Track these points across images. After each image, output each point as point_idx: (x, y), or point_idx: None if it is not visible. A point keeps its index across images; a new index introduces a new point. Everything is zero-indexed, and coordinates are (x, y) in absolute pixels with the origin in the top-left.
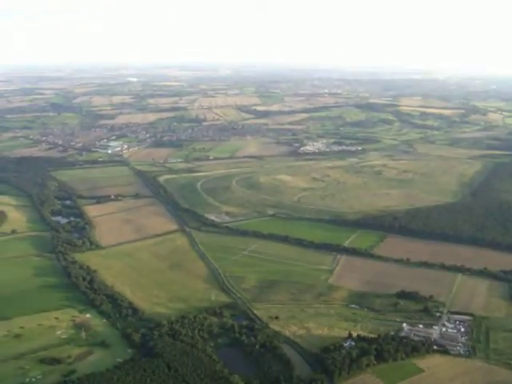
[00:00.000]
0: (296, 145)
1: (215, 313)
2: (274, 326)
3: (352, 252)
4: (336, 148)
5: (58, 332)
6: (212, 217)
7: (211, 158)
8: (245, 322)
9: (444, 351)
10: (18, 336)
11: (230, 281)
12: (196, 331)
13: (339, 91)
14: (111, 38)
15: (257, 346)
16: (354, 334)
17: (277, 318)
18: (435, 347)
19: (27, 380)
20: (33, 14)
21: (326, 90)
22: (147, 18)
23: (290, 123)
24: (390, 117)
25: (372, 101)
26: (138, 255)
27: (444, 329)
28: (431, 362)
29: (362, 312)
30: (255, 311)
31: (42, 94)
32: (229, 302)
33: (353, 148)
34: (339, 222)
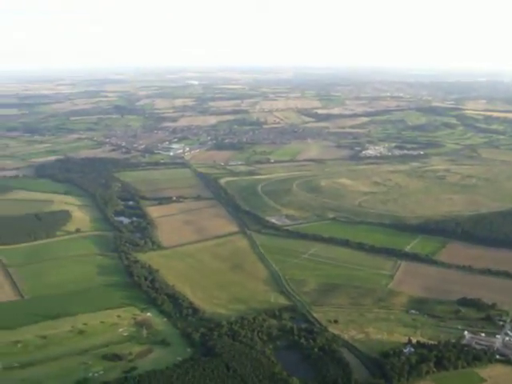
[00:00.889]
0: (357, 148)
1: (274, 315)
2: (333, 330)
3: (413, 257)
4: (398, 152)
5: (120, 329)
6: (273, 219)
7: (272, 160)
8: (304, 325)
9: (507, 361)
10: (81, 332)
11: (290, 283)
12: (255, 333)
13: (401, 94)
14: (171, 40)
15: (315, 349)
16: (414, 340)
17: (336, 321)
18: (498, 357)
19: (90, 375)
20: (97, 17)
21: (388, 93)
22: (208, 19)
23: (351, 127)
24: (453, 121)
25: (435, 104)
26: (199, 256)
27: (507, 338)
28: (493, 372)
29: (422, 318)
30: (314, 314)
31: (106, 97)
32: (288, 304)
33: (415, 152)
34: (400, 226)
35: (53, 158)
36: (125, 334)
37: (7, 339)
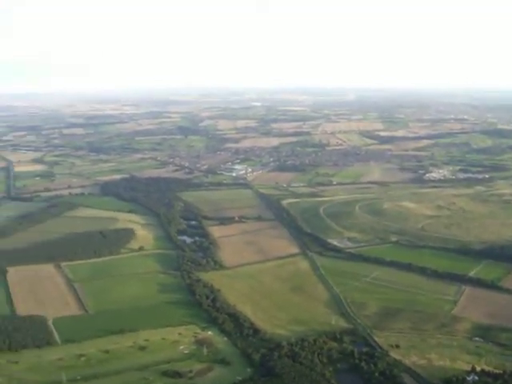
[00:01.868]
0: (420, 171)
1: (335, 337)
2: (395, 355)
3: (477, 283)
4: (462, 175)
5: (181, 347)
6: (334, 242)
7: (334, 182)
8: (365, 349)
9: None
10: (142, 348)
11: (351, 306)
12: (315, 355)
13: (465, 116)
14: (234, 61)
15: (376, 374)
16: (478, 368)
17: (397, 346)
18: None
19: None
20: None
21: (452, 116)
22: (274, 42)
23: (415, 149)
24: None
25: (500, 127)
26: (260, 277)
27: None
28: None
29: (487, 346)
30: (375, 338)
31: (170, 118)
32: (349, 327)
33: (480, 176)
34: (464, 251)
35: (117, 176)
36: (185, 352)
37: (71, 352)
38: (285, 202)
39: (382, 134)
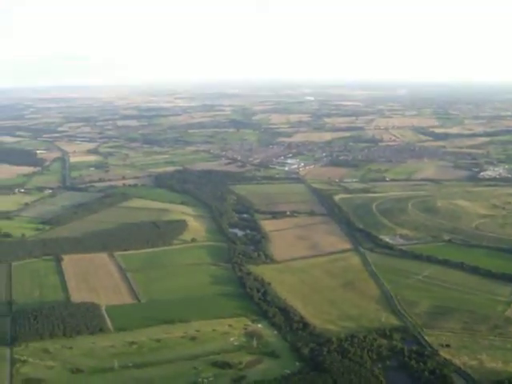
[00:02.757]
0: (475, 169)
1: (385, 335)
2: (445, 354)
3: None
4: None
5: (231, 338)
6: (386, 238)
7: (387, 179)
8: (414, 347)
9: None
10: (193, 338)
11: (402, 304)
12: (365, 351)
13: None
14: (288, 54)
15: (426, 373)
16: None
17: (448, 345)
18: None
19: (200, 380)
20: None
21: (509, 113)
22: (330, 35)
23: (470, 147)
24: None
25: None
26: (311, 271)
27: None
28: None
29: None
30: (426, 337)
31: (222, 111)
32: (399, 325)
33: None
34: None
35: (171, 168)
36: (235, 344)
37: (124, 340)
38: (337, 198)
39: (437, 130)
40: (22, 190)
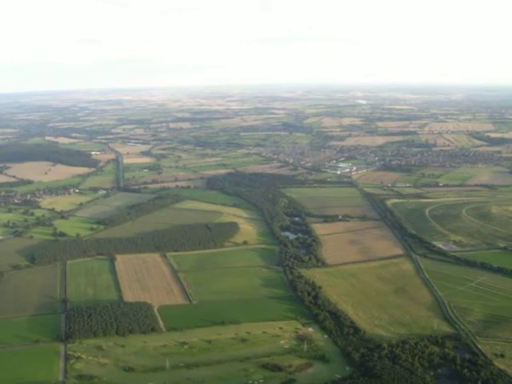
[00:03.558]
0: None
1: (437, 342)
2: (499, 364)
3: None
4: None
5: (282, 341)
6: (439, 244)
7: (441, 184)
8: (467, 356)
9: None
10: (244, 340)
11: (455, 311)
12: (416, 358)
13: None
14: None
15: (479, 382)
16: None
17: (502, 355)
18: None
19: (250, 382)
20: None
21: None
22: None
23: None
24: None
25: None
26: (362, 276)
27: None
28: None
29: None
30: (479, 346)
31: (274, 114)
32: (451, 332)
33: None
34: None
35: (223, 171)
36: (286, 347)
37: (175, 340)
38: (389, 202)
39: (492, 135)
40: (77, 191)
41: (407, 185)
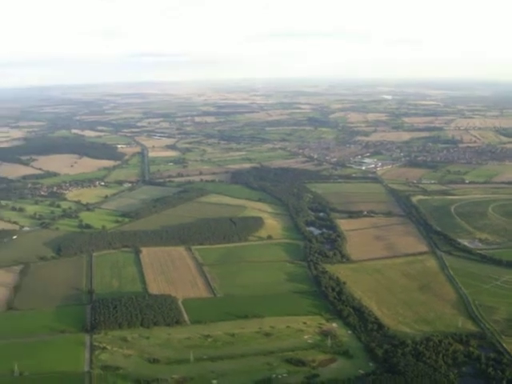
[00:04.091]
0: None
1: (461, 340)
2: None
3: None
4: None
5: (305, 336)
6: (465, 242)
7: (467, 181)
8: (492, 354)
9: None
10: (268, 334)
11: (479, 309)
12: (440, 355)
13: None
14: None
15: (504, 382)
16: None
17: None
18: None
19: (273, 376)
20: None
21: None
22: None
23: None
24: None
25: None
26: (387, 272)
27: None
28: None
29: None
30: (504, 344)
31: (300, 108)
32: (476, 331)
33: None
34: None
35: (247, 165)
36: (309, 341)
37: (199, 333)
38: (414, 199)
39: None
40: (103, 183)
41: (433, 181)
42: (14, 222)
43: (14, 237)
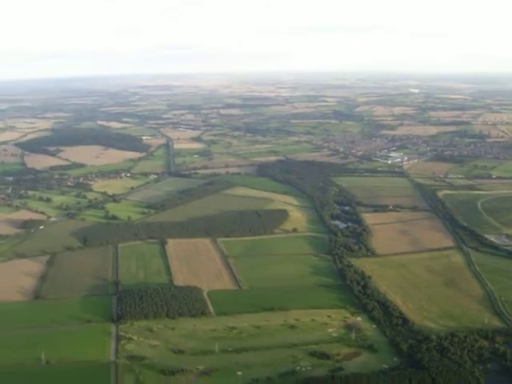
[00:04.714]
0: None
1: (487, 336)
2: None
3: None
4: None
5: (330, 329)
6: (491, 238)
7: (494, 176)
8: None
9: None
10: (292, 327)
11: (506, 306)
12: (465, 351)
13: None
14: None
15: None
16: None
17: None
18: None
19: (297, 368)
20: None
21: None
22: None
23: None
24: None
25: None
26: (412, 267)
27: None
28: None
29: None
30: None
31: (325, 102)
32: (502, 327)
33: None
34: None
35: (273, 158)
36: (334, 335)
37: (224, 324)
38: (441, 194)
39: None
40: (128, 175)
41: (459, 176)
42: (42, 212)
43: (41, 227)
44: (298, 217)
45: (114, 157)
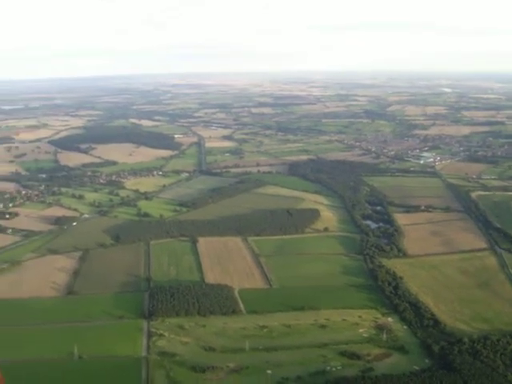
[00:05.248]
0: None
1: None
2: None
3: None
4: None
5: (361, 330)
6: None
7: None
8: None
9: None
10: (323, 326)
11: None
12: (498, 355)
13: None
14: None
15: None
16: None
17: None
18: None
19: (328, 368)
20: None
21: None
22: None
23: None
24: None
25: None
26: (444, 269)
27: None
28: None
29: None
30: None
31: (357, 101)
32: None
33: None
34: None
35: (304, 157)
36: (365, 335)
37: (255, 323)
38: (474, 194)
39: None
40: (160, 173)
41: (493, 177)
42: (74, 209)
43: (74, 223)
44: (329, 216)
45: (146, 155)
